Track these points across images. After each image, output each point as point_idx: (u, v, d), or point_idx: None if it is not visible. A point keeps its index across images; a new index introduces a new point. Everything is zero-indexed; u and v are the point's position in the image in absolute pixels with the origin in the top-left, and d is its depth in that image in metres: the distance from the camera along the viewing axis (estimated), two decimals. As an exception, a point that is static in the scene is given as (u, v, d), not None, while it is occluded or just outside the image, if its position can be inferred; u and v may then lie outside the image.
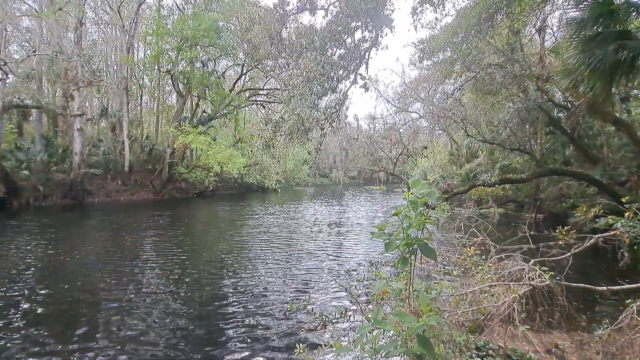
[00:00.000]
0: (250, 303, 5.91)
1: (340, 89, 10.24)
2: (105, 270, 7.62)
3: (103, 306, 5.73)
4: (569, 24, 7.92)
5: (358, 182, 57.00)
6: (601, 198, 9.76)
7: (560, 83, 9.92)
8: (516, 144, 12.12)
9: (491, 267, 4.48)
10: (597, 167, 11.16)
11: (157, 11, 24.98)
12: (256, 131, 24.20)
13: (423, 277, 5.21)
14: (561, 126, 12.24)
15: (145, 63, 26.84)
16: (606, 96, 7.19)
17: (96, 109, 27.61)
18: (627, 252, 6.39)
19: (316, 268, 8.09)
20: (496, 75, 10.73)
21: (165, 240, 11.07)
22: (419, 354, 2.22)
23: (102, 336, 4.70)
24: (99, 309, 5.61)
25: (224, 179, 29.59)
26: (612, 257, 6.18)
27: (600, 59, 6.43)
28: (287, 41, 10.77)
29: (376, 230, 2.42)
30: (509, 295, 3.94)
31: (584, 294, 5.54)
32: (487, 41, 9.58)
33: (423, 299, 2.33)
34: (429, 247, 2.34)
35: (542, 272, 4.05)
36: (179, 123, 24.44)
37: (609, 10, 6.47)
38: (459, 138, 21.40)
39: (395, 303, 3.55)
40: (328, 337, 4.43)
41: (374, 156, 20.39)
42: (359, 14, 8.77)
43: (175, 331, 4.87)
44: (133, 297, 6.11)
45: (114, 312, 5.47)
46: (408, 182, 2.67)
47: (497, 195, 13.58)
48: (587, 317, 4.77)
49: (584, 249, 5.07)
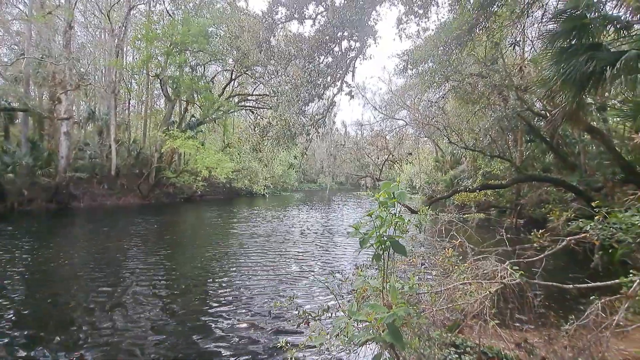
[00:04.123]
0: (236, 303, 6.01)
1: (327, 95, 10.48)
2: (90, 276, 7.58)
3: (87, 311, 5.73)
4: (544, 36, 8.36)
5: (346, 188, 57.31)
6: (578, 203, 10.19)
7: (538, 92, 10.39)
8: (497, 151, 12.55)
9: (467, 267, 4.70)
10: (575, 173, 11.62)
11: (147, 16, 24.97)
12: (244, 136, 24.34)
13: (405, 278, 5.41)
14: (540, 134, 12.72)
15: (134, 67, 26.71)
16: (579, 105, 7.59)
17: (83, 112, 27.22)
18: (597, 253, 6.73)
19: (302, 270, 8.22)
20: (478, 84, 11.15)
21: (151, 245, 11.03)
22: (390, 343, 2.40)
23: (87, 340, 4.73)
24: (83, 314, 5.61)
25: (212, 184, 29.47)
26: (584, 258, 6.50)
27: (572, 69, 6.80)
28: (276, 48, 10.98)
29: (353, 229, 2.60)
30: (482, 293, 4.15)
31: (554, 292, 5.82)
32: (468, 52, 9.99)
33: (394, 292, 2.51)
34: (399, 244, 2.53)
35: (513, 271, 4.28)
36: (167, 127, 24.33)
37: (582, 23, 6.87)
38: (443, 145, 21.92)
39: (374, 300, 3.72)
40: (310, 333, 4.57)
41: (360, 162, 20.69)
42: (345, 24, 9.04)
43: (161, 330, 4.94)
44: (118, 301, 6.12)
45: (98, 316, 5.48)
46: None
47: (479, 201, 13.98)
48: (555, 314, 5.02)
49: (558, 251, 5.33)
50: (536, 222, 12.05)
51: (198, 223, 17.61)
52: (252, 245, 11.27)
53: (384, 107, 22.24)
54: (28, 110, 19.16)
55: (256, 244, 11.43)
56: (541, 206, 12.45)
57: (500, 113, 11.13)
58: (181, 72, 24.91)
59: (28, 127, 21.32)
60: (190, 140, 23.03)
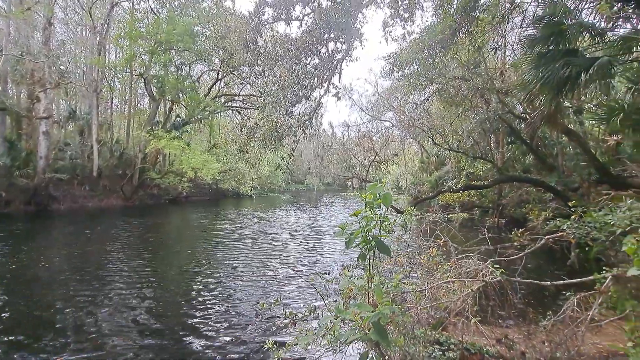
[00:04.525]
0: (223, 305, 5.99)
1: (314, 97, 10.54)
2: (72, 280, 7.40)
3: (69, 315, 5.60)
4: (524, 41, 8.64)
5: (333, 188, 57.52)
6: (556, 203, 10.54)
7: (518, 96, 10.70)
8: (479, 152, 12.88)
9: (451, 266, 4.82)
10: (553, 174, 12.00)
11: (130, 13, 24.48)
12: (231, 137, 24.14)
13: (391, 277, 5.50)
14: (521, 136, 13.09)
15: (116, 65, 26.13)
16: (557, 109, 7.88)
17: (63, 111, 26.45)
18: (573, 251, 7.00)
19: (290, 271, 8.24)
20: (461, 87, 11.42)
21: (135, 248, 10.83)
22: (375, 341, 2.46)
23: (69, 345, 4.63)
24: (65, 318, 5.48)
25: (198, 185, 29.09)
26: (561, 256, 6.75)
27: (550, 74, 7.06)
28: (263, 49, 10.98)
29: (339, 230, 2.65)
30: (464, 291, 4.26)
31: (533, 289, 6.00)
32: (451, 56, 10.23)
33: (378, 291, 2.58)
34: (384, 244, 2.59)
35: (494, 270, 4.42)
36: (151, 127, 23.89)
37: (559, 29, 7.14)
38: (428, 146, 22.29)
39: (360, 299, 3.79)
40: (297, 334, 4.60)
41: (347, 163, 20.85)
42: (332, 26, 9.12)
43: (145, 333, 4.88)
44: (101, 304, 6.01)
45: (81, 320, 5.37)
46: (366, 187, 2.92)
47: (463, 201, 14.31)
48: (534, 310, 5.19)
49: (537, 249, 5.52)
50: (517, 221, 12.39)
51: (183, 225, 17.37)
52: (238, 247, 11.21)
53: (370, 109, 22.48)
54: (6, 109, 18.54)
55: (243, 245, 11.37)
56: (522, 206, 12.80)
57: (483, 115, 11.43)
58: (166, 71, 24.51)
59: (5, 127, 20.59)
60: (175, 140, 22.69)
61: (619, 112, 7.49)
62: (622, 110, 7.38)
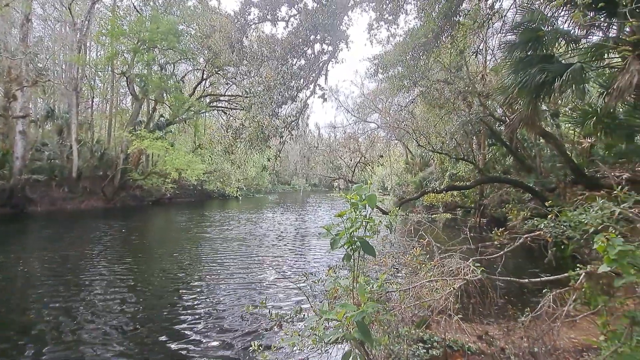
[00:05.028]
0: (208, 308, 5.93)
1: (301, 98, 10.55)
2: (50, 285, 7.16)
3: (47, 321, 5.43)
4: (504, 46, 8.91)
5: (319, 189, 57.61)
6: (534, 203, 10.89)
7: (499, 99, 11.02)
8: (462, 154, 13.19)
9: (434, 265, 4.93)
10: (531, 175, 12.39)
11: (112, 11, 23.91)
12: (216, 137, 23.87)
13: (376, 277, 5.58)
14: (501, 138, 13.48)
15: (97, 64, 25.46)
16: (534, 112, 8.14)
17: (41, 110, 25.59)
18: (550, 249, 7.25)
19: (276, 273, 8.23)
20: (444, 90, 11.69)
21: (117, 251, 10.58)
22: (360, 340, 2.50)
23: (46, 351, 4.51)
24: (43, 324, 5.32)
25: (182, 186, 28.62)
26: (539, 254, 6.98)
27: (528, 78, 7.31)
28: (249, 49, 10.92)
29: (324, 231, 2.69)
30: (447, 289, 4.37)
31: (512, 286, 6.19)
32: (434, 59, 10.45)
33: (362, 290, 2.63)
34: (368, 245, 2.63)
35: (475, 268, 4.55)
36: (133, 127, 23.37)
37: (537, 36, 7.41)
38: (413, 148, 22.63)
39: (345, 299, 3.83)
40: (283, 335, 4.62)
41: (333, 164, 20.96)
42: (318, 27, 9.17)
43: (128, 337, 4.79)
44: (82, 309, 5.86)
45: (60, 326, 5.22)
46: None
47: (446, 202, 14.61)
48: (513, 307, 5.36)
49: (516, 248, 5.69)
50: (498, 221, 12.74)
51: (167, 227, 17.07)
52: (224, 249, 11.11)
53: (356, 110, 22.64)
54: (-21, 108, 17.78)
55: (228, 248, 11.27)
56: (502, 206, 13.17)
57: (465, 118, 11.72)
58: (149, 70, 24.03)
59: (-21, 126, 19.79)
60: (159, 140, 22.27)
61: (592, 116, 7.82)
62: (595, 114, 7.71)
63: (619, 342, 2.66)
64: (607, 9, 5.79)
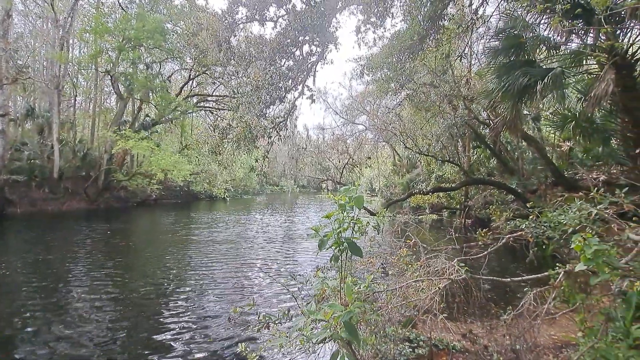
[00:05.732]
0: (195, 311, 5.87)
1: (289, 99, 10.55)
2: (31, 289, 6.93)
3: (28, 326, 5.27)
4: (487, 51, 9.14)
5: (308, 191, 57.61)
6: (517, 204, 11.17)
7: (483, 103, 11.28)
8: (447, 156, 13.44)
9: (420, 265, 5.01)
10: (514, 177, 12.72)
11: (96, 7, 23.39)
12: (203, 138, 23.61)
13: (364, 278, 5.64)
14: (485, 141, 13.79)
15: (81, 61, 24.84)
16: (516, 115, 8.38)
17: (21, 108, 24.81)
18: (532, 249, 7.46)
19: (263, 275, 8.20)
20: (430, 93, 11.90)
21: (100, 254, 10.33)
22: (347, 340, 2.53)
23: (26, 355, 4.38)
24: (24, 329, 5.17)
25: (168, 187, 28.17)
26: (521, 254, 7.16)
27: (510, 83, 7.53)
28: (237, 49, 10.85)
29: (312, 232, 2.71)
30: (432, 289, 4.45)
31: (495, 285, 6.34)
32: (420, 61, 10.63)
33: (349, 290, 2.66)
34: (356, 246, 2.67)
35: (460, 268, 4.65)
36: (118, 127, 22.89)
37: (519, 42, 7.63)
38: (400, 149, 22.90)
39: (333, 300, 3.86)
40: (270, 336, 4.61)
41: (322, 165, 21.02)
42: (306, 28, 9.20)
43: (113, 340, 4.70)
44: (62, 314, 5.71)
45: (41, 332, 5.07)
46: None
47: (433, 203, 14.84)
48: (496, 305, 5.49)
49: (499, 248, 5.83)
50: (482, 221, 13.00)
51: (153, 229, 16.78)
52: (211, 251, 10.99)
53: (344, 112, 22.79)
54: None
55: (216, 250, 11.16)
56: (486, 207, 13.46)
57: (450, 121, 11.96)
58: (135, 69, 23.61)
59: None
60: (144, 141, 21.87)
61: (571, 121, 8.10)
62: (574, 119, 7.99)
63: (595, 338, 2.78)
64: (584, 16, 6.02)
